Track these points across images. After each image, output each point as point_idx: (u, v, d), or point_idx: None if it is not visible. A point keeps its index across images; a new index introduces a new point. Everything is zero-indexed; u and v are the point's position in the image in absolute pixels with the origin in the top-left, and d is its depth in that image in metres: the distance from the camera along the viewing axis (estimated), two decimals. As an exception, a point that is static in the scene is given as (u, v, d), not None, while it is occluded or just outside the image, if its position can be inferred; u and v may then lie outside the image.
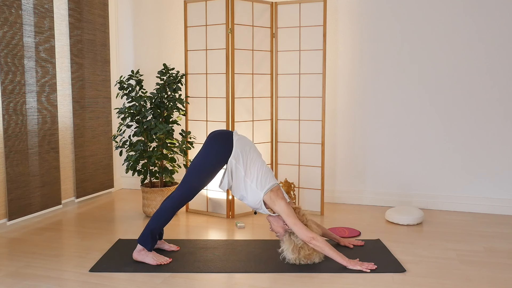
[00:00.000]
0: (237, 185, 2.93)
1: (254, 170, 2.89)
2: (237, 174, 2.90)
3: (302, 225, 2.76)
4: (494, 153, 4.04)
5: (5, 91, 3.54)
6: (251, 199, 2.90)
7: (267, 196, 2.84)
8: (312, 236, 2.74)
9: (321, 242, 2.75)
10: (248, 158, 2.90)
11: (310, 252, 2.78)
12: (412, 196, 4.24)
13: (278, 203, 2.81)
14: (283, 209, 2.80)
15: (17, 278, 2.67)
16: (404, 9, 4.16)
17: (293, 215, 2.78)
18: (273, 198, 2.83)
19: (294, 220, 2.77)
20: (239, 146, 2.91)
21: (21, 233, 3.51)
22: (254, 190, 2.86)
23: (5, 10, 3.51)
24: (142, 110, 3.91)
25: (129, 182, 5.10)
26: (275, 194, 2.85)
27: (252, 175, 2.88)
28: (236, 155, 2.89)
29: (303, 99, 4.05)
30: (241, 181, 2.90)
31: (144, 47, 4.94)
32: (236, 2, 3.84)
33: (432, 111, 4.16)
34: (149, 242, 2.87)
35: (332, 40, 4.34)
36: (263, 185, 2.86)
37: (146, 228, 2.89)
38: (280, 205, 2.81)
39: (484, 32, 3.98)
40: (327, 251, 2.76)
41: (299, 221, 2.77)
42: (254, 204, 2.91)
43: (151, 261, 2.85)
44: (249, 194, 2.89)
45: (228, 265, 2.85)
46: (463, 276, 2.69)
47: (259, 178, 2.87)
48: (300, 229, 2.75)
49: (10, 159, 3.59)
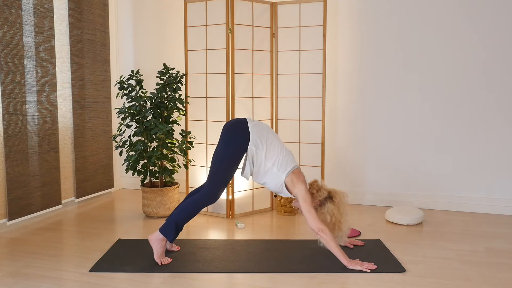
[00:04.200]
0: (258, 170, 2.92)
1: (274, 154, 2.88)
2: (258, 160, 2.89)
3: (315, 214, 2.77)
4: (494, 153, 4.04)
5: (5, 91, 3.54)
6: (273, 183, 2.89)
7: (289, 178, 2.84)
8: (321, 228, 2.74)
9: (329, 236, 2.74)
10: (267, 143, 2.90)
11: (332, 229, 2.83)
12: (412, 196, 4.24)
13: (298, 187, 2.82)
14: (301, 193, 2.79)
15: (17, 278, 2.67)
16: (404, 9, 4.16)
17: (309, 202, 2.78)
18: (294, 181, 2.83)
19: (309, 207, 2.76)
20: (256, 132, 2.90)
21: (21, 233, 3.51)
22: (276, 174, 2.86)
23: (5, 10, 3.51)
24: (142, 110, 3.91)
25: (129, 182, 5.10)
26: (296, 176, 2.85)
27: (272, 159, 2.87)
28: (255, 142, 2.87)
29: (303, 99, 4.04)
30: (262, 166, 2.89)
31: (144, 47, 4.94)
32: (236, 2, 3.83)
33: (432, 111, 4.16)
34: (173, 233, 2.87)
35: (332, 40, 4.34)
36: (284, 167, 2.86)
37: (171, 220, 2.87)
38: (300, 188, 2.81)
39: (484, 32, 3.98)
40: (332, 247, 2.76)
41: (313, 209, 2.78)
42: (275, 188, 2.91)
43: (157, 254, 2.86)
44: (270, 178, 2.88)
45: (228, 265, 2.85)
46: (463, 276, 2.69)
47: (280, 161, 2.87)
48: (313, 217, 2.75)
49: (10, 159, 3.59)
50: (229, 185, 3.91)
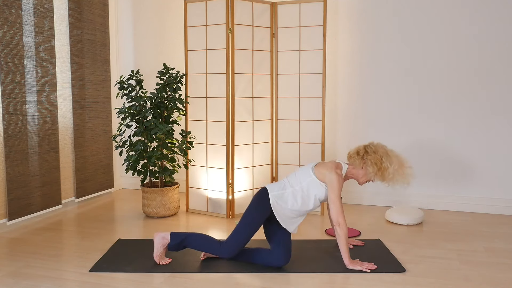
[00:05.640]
0: (298, 204, 2.82)
1: (289, 180, 2.87)
2: (289, 197, 2.81)
3: (340, 207, 2.74)
4: (494, 153, 4.04)
5: (5, 91, 3.54)
6: (313, 191, 2.81)
7: (317, 172, 2.81)
8: (340, 221, 2.73)
9: (343, 231, 2.72)
10: (286, 186, 2.86)
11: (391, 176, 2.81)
12: (412, 196, 4.24)
13: (328, 175, 2.77)
14: (332, 182, 2.76)
15: (17, 278, 2.67)
16: (404, 9, 4.16)
17: (337, 192, 2.76)
18: (322, 171, 2.79)
19: (335, 199, 2.75)
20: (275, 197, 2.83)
21: (21, 233, 3.51)
22: (306, 182, 2.81)
23: (5, 10, 3.51)
24: (142, 110, 3.91)
25: (129, 182, 5.10)
26: (322, 165, 2.84)
27: (294, 181, 2.85)
28: (274, 204, 2.80)
29: (303, 99, 4.05)
30: (299, 192, 2.82)
31: (144, 47, 4.94)
32: (236, 2, 3.83)
33: (432, 111, 4.16)
34: (175, 244, 2.84)
35: (332, 40, 4.34)
36: (306, 173, 2.83)
37: (183, 236, 2.83)
38: (331, 177, 2.77)
39: (485, 32, 3.98)
40: (342, 243, 2.73)
41: (339, 201, 2.75)
42: (319, 193, 2.82)
43: (156, 251, 2.86)
44: (309, 189, 2.81)
45: (228, 265, 2.85)
46: (463, 276, 2.69)
47: (299, 174, 2.86)
48: (336, 208, 2.73)
49: (10, 159, 3.59)
50: (229, 185, 3.92)
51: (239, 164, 3.95)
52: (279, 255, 2.76)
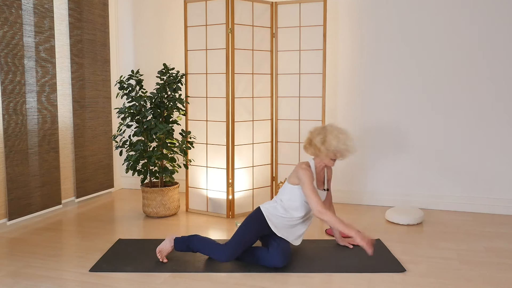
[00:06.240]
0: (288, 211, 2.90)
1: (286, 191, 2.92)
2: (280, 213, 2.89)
3: (315, 198, 2.76)
4: (494, 153, 4.04)
5: (5, 91, 3.54)
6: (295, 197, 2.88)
7: (290, 180, 2.91)
8: (320, 210, 2.73)
9: (329, 217, 2.71)
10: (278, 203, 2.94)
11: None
12: (412, 196, 4.24)
13: (298, 175, 2.85)
14: (301, 178, 2.83)
15: (17, 278, 2.67)
16: (404, 9, 4.16)
17: (308, 186, 2.79)
18: (292, 177, 2.90)
19: (308, 192, 2.78)
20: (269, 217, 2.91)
21: (21, 233, 3.51)
22: (290, 187, 2.90)
23: (5, 10, 3.51)
24: (142, 110, 3.91)
25: (129, 182, 5.10)
26: (292, 173, 2.92)
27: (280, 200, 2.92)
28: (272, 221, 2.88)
29: (303, 99, 4.05)
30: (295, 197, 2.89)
31: (144, 47, 4.94)
32: (236, 2, 3.83)
33: (432, 111, 4.16)
34: (181, 246, 2.92)
35: (332, 40, 4.34)
36: (288, 180, 2.92)
37: (188, 241, 2.91)
38: (299, 175, 2.84)
39: (485, 31, 3.98)
40: (335, 225, 2.71)
41: (313, 194, 2.77)
42: (297, 195, 2.88)
43: (162, 246, 2.92)
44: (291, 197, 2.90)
45: (229, 265, 2.85)
46: (463, 276, 2.69)
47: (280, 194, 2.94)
48: (312, 201, 2.76)
49: (10, 159, 3.59)
50: (229, 185, 3.92)
51: (239, 164, 3.96)
52: (276, 256, 2.77)
